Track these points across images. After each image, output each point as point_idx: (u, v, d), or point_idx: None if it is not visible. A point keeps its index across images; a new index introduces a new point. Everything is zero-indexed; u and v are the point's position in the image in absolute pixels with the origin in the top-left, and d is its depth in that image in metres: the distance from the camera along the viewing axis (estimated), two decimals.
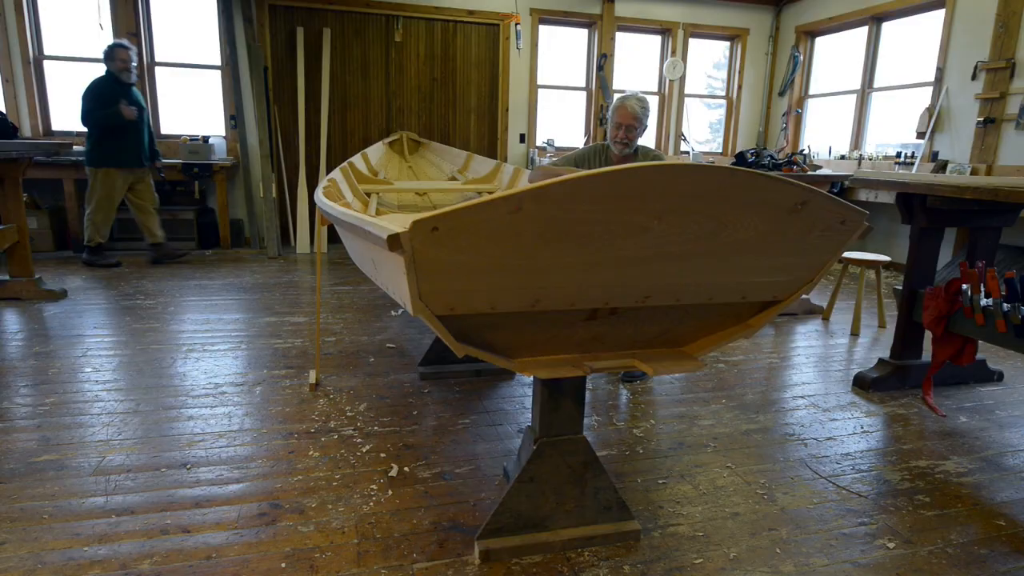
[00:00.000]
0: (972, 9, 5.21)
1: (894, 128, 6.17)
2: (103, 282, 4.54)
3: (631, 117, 2.91)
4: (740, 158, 4.15)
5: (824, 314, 4.13)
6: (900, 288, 2.94)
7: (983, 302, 2.48)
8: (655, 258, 1.18)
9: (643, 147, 3.09)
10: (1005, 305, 2.38)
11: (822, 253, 1.29)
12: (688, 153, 7.19)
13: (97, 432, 2.25)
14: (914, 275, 2.85)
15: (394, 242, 1.03)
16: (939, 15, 5.54)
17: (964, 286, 2.57)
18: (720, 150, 7.75)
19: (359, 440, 2.25)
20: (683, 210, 1.10)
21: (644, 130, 2.99)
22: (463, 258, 1.08)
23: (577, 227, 1.08)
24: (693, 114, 7.48)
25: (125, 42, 4.96)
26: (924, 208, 2.74)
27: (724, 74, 7.57)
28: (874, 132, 6.40)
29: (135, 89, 5.03)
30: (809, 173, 3.87)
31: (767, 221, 1.17)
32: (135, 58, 4.95)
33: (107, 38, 5.78)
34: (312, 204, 6.26)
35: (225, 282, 4.67)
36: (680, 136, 7.34)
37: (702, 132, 7.77)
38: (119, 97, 4.80)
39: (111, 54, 4.83)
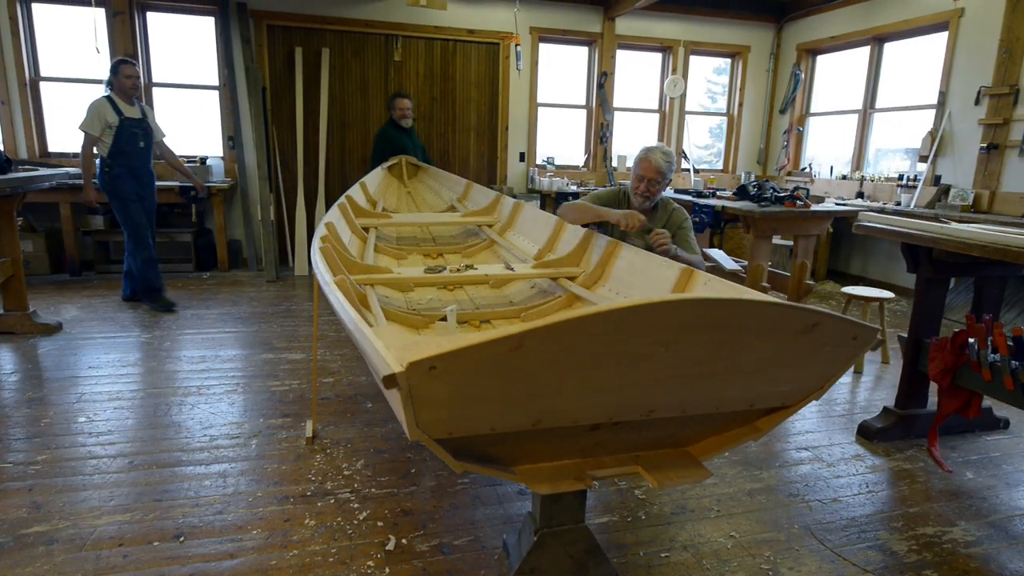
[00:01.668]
0: (975, 34, 5.17)
1: (897, 135, 6.14)
2: (99, 312, 4.50)
3: (655, 171, 2.69)
4: (742, 191, 4.10)
5: None
6: (905, 336, 2.91)
7: (990, 357, 2.44)
8: (660, 379, 1.14)
9: (664, 200, 2.87)
10: (1013, 363, 2.34)
11: (833, 365, 1.25)
12: (689, 171, 7.16)
13: (90, 496, 2.20)
14: (920, 325, 2.81)
15: (390, 381, 0.99)
16: (942, 38, 5.50)
17: (971, 340, 2.54)
18: (720, 166, 7.71)
19: (356, 505, 2.21)
20: (690, 340, 1.07)
21: (667, 184, 2.77)
22: (462, 391, 1.04)
23: (580, 359, 1.05)
24: (692, 120, 7.43)
25: (405, 93, 5.54)
26: (930, 259, 2.70)
27: (725, 79, 7.52)
28: (877, 138, 6.36)
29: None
30: (812, 208, 3.83)
31: (777, 343, 1.13)
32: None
33: (104, 59, 5.74)
34: (311, 217, 6.21)
35: (222, 311, 4.63)
36: (681, 154, 7.30)
37: (702, 138, 7.72)
38: (402, 141, 5.28)
39: (392, 104, 5.35)
